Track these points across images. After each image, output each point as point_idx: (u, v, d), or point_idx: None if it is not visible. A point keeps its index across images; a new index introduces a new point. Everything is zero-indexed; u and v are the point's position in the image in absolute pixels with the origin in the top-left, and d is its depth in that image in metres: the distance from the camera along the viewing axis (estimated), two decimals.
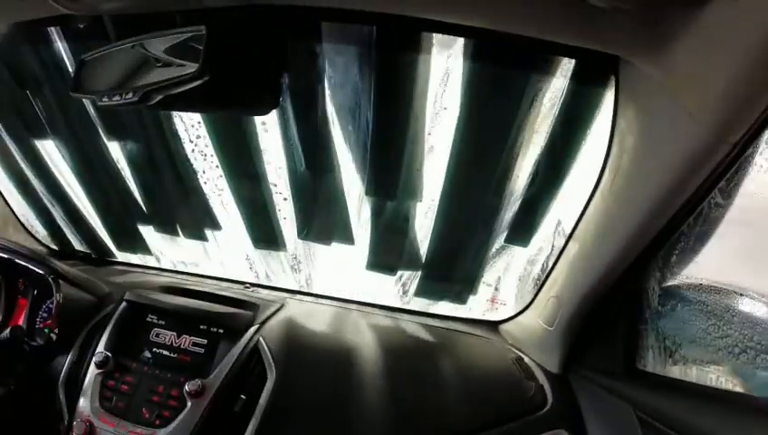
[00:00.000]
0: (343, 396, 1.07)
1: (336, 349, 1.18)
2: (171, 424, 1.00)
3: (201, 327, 1.15)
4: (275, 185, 1.45)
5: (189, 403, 1.01)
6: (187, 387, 1.01)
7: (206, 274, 1.65)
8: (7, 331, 1.16)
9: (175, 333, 1.15)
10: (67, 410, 1.08)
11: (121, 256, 1.80)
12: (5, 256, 1.24)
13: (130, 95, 0.72)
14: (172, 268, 1.74)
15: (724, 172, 0.70)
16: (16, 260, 1.24)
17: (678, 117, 0.66)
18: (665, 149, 0.72)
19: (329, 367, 1.12)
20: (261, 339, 1.12)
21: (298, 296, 1.53)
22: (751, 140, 0.64)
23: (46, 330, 1.19)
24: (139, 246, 1.76)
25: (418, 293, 1.57)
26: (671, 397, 0.93)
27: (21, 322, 1.20)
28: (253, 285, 1.57)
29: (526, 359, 1.21)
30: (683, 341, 0.96)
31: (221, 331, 1.14)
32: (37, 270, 1.23)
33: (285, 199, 1.49)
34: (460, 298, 1.53)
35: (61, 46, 1.27)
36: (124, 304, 1.20)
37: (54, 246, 1.79)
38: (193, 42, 0.69)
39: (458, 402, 1.08)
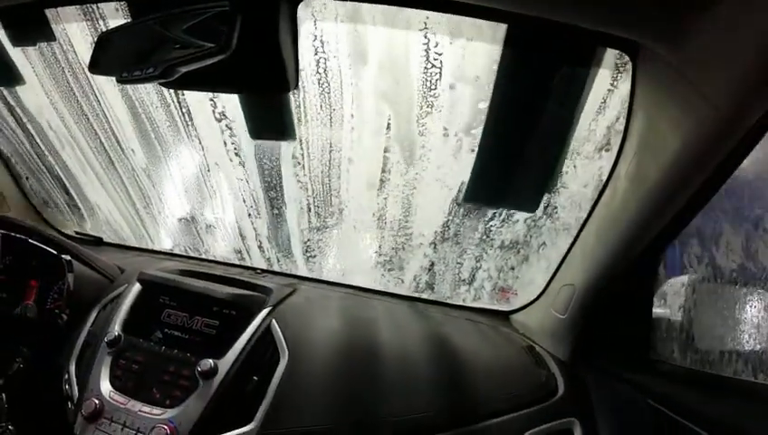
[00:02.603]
0: (355, 380, 1.06)
1: (348, 334, 1.17)
2: (183, 404, 1.00)
3: (214, 309, 1.14)
4: None
5: (201, 383, 1.01)
6: (199, 367, 1.01)
7: (217, 259, 1.65)
8: (18, 309, 1.17)
9: (187, 314, 1.14)
10: (78, 388, 1.08)
11: (134, 241, 1.81)
12: (18, 235, 1.24)
13: (151, 70, 0.71)
14: (184, 253, 1.74)
15: (740, 157, 0.70)
16: (29, 240, 1.24)
17: (695, 102, 0.66)
18: (681, 134, 0.72)
19: (341, 351, 1.12)
20: (273, 321, 1.12)
21: (310, 283, 1.52)
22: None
23: (57, 310, 1.19)
24: (152, 231, 1.77)
25: None
26: (685, 386, 0.93)
27: (32, 301, 1.20)
28: (264, 271, 1.57)
29: (537, 348, 1.21)
30: (698, 329, 0.96)
31: (233, 312, 1.13)
32: (49, 250, 1.23)
33: None
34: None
35: (78, 26, 1.28)
36: (137, 284, 1.20)
37: (66, 229, 1.80)
38: (216, 18, 0.69)
39: (469, 391, 1.08)
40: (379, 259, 1.59)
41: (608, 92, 1.01)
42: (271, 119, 1.36)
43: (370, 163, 1.38)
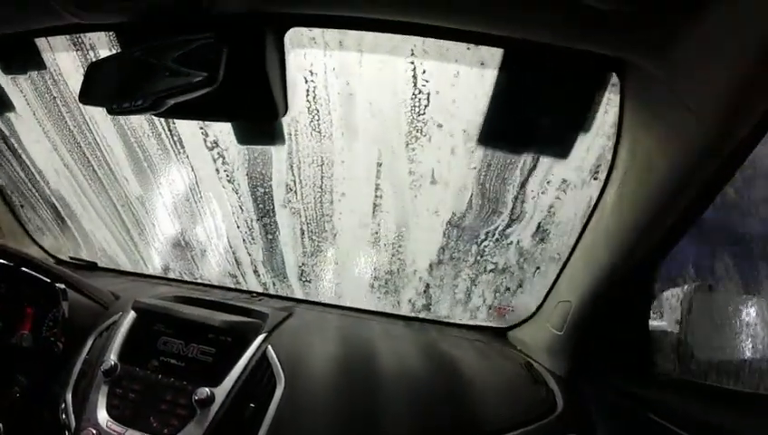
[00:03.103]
0: (354, 403, 1.06)
1: (345, 356, 1.17)
2: (180, 433, 0.99)
3: (209, 336, 1.13)
4: None
5: (198, 412, 1.00)
6: (195, 395, 1.00)
7: (213, 283, 1.64)
8: (14, 338, 1.16)
9: (183, 342, 1.13)
10: (75, 418, 1.07)
11: (129, 266, 1.80)
12: (11, 263, 1.23)
13: (140, 102, 0.72)
14: (179, 278, 1.73)
15: (730, 169, 0.70)
16: (22, 268, 1.23)
17: (683, 116, 0.67)
18: (670, 149, 0.73)
19: (338, 374, 1.11)
20: (269, 347, 1.11)
21: (306, 305, 1.52)
22: (756, 136, 0.64)
23: (52, 338, 1.18)
24: (147, 255, 1.76)
25: None
26: (687, 398, 0.92)
27: (27, 330, 1.19)
28: (260, 294, 1.57)
29: (535, 364, 1.20)
30: (697, 341, 0.95)
31: (229, 339, 1.12)
32: (43, 278, 1.22)
33: None
34: None
35: (68, 55, 1.29)
36: (132, 312, 1.19)
37: (60, 255, 1.79)
38: (202, 49, 0.70)
39: (468, 410, 1.07)
40: (375, 281, 1.59)
41: (600, 113, 1.02)
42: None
43: (363, 188, 1.39)
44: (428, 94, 1.18)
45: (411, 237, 1.47)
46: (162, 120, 1.39)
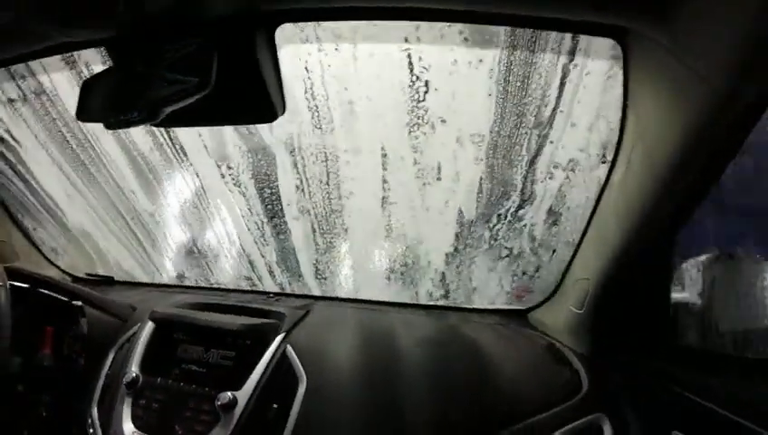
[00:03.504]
0: (376, 394, 1.05)
1: (366, 349, 1.17)
2: None
3: (228, 340, 1.14)
4: None
5: (222, 417, 1.01)
6: (218, 401, 1.01)
7: (229, 287, 1.65)
8: (37, 358, 1.17)
9: (202, 348, 1.14)
10: (101, 432, 1.08)
11: (145, 278, 1.82)
12: (27, 285, 1.24)
13: (136, 114, 0.71)
14: (195, 285, 1.75)
15: (744, 132, 0.67)
16: (39, 289, 1.25)
17: (691, 82, 0.65)
18: (680, 116, 0.70)
19: (360, 368, 1.11)
20: (289, 346, 1.11)
21: (323, 302, 1.52)
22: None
23: (74, 355, 1.20)
24: (162, 266, 1.78)
25: None
26: (714, 371, 0.90)
27: (48, 349, 1.20)
28: (277, 294, 1.57)
29: (558, 345, 1.19)
30: (722, 312, 0.93)
31: (248, 342, 1.13)
32: (60, 297, 1.24)
33: None
34: None
35: (64, 75, 1.29)
36: (150, 323, 1.21)
37: (75, 272, 1.81)
38: (192, 55, 0.69)
39: (491, 394, 1.06)
40: (391, 272, 1.59)
41: (600, 82, 1.00)
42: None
43: (370, 181, 1.38)
44: (427, 81, 1.16)
45: (424, 226, 1.46)
46: (163, 131, 1.40)
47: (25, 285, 1.25)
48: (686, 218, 0.84)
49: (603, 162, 1.13)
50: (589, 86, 1.05)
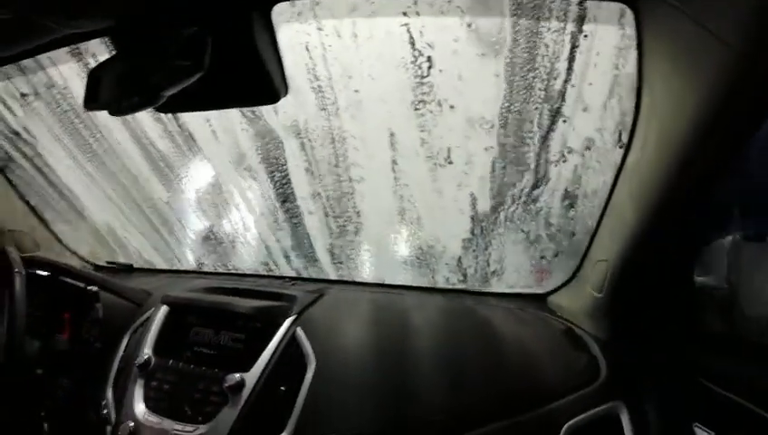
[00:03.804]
0: (388, 377, 1.04)
1: (379, 333, 1.15)
2: (213, 419, 1.00)
3: (239, 323, 1.15)
4: None
5: (230, 398, 1.01)
6: (226, 382, 1.02)
7: (246, 272, 1.67)
8: (55, 342, 1.20)
9: (213, 331, 1.15)
10: (115, 412, 1.11)
11: (164, 265, 1.85)
12: (45, 272, 1.28)
13: (136, 99, 0.72)
14: (213, 271, 1.77)
15: (766, 102, 0.62)
16: (57, 276, 1.29)
17: (709, 46, 0.60)
18: (698, 84, 0.65)
19: (372, 352, 1.10)
20: (299, 329, 1.11)
21: (339, 286, 1.51)
22: None
23: (90, 340, 1.23)
24: (180, 252, 1.81)
25: None
26: (738, 359, 0.85)
27: (66, 334, 1.24)
28: (293, 279, 1.58)
29: (576, 330, 1.15)
30: (748, 296, 0.87)
31: (258, 324, 1.14)
32: (77, 284, 1.27)
33: None
34: None
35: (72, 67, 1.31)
36: (163, 306, 1.23)
37: (98, 261, 1.86)
38: (188, 38, 0.70)
39: (507, 380, 1.03)
40: (407, 256, 1.57)
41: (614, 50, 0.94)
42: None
43: (380, 162, 1.36)
44: (429, 57, 1.12)
45: (437, 210, 1.43)
46: (172, 119, 1.41)
47: (45, 273, 1.29)
48: (708, 194, 0.78)
49: (620, 145, 1.08)
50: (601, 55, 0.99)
